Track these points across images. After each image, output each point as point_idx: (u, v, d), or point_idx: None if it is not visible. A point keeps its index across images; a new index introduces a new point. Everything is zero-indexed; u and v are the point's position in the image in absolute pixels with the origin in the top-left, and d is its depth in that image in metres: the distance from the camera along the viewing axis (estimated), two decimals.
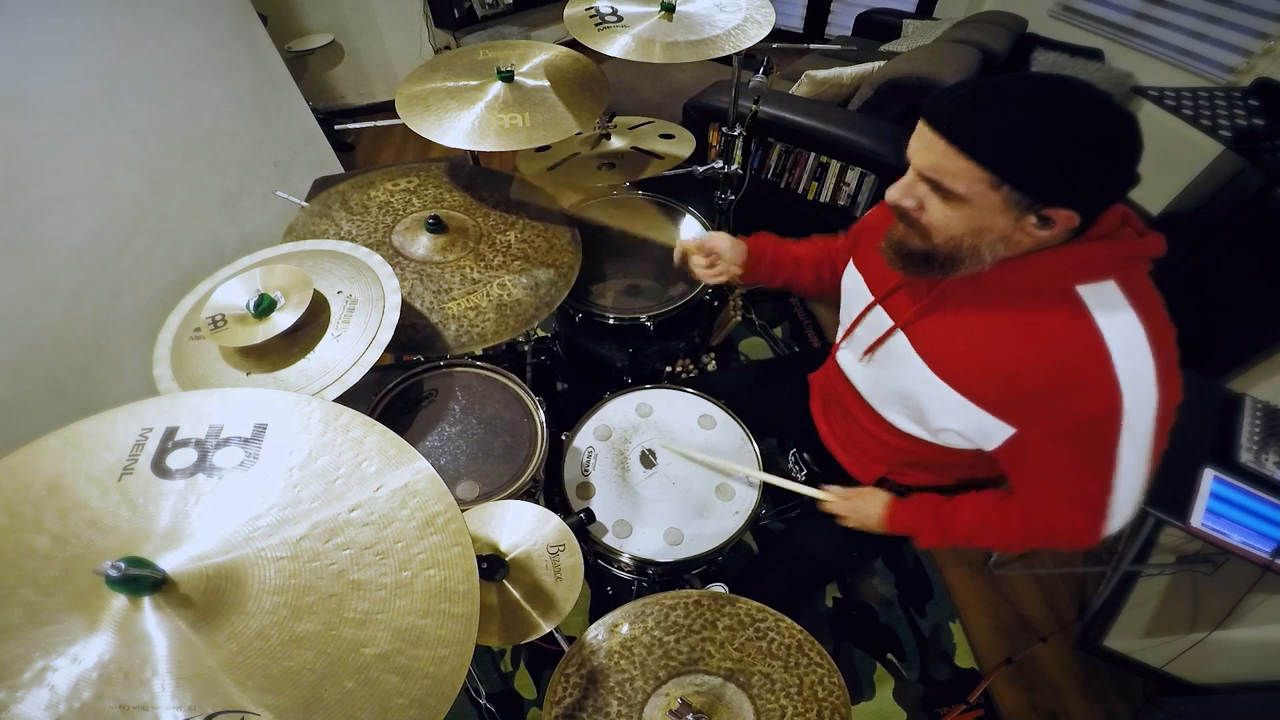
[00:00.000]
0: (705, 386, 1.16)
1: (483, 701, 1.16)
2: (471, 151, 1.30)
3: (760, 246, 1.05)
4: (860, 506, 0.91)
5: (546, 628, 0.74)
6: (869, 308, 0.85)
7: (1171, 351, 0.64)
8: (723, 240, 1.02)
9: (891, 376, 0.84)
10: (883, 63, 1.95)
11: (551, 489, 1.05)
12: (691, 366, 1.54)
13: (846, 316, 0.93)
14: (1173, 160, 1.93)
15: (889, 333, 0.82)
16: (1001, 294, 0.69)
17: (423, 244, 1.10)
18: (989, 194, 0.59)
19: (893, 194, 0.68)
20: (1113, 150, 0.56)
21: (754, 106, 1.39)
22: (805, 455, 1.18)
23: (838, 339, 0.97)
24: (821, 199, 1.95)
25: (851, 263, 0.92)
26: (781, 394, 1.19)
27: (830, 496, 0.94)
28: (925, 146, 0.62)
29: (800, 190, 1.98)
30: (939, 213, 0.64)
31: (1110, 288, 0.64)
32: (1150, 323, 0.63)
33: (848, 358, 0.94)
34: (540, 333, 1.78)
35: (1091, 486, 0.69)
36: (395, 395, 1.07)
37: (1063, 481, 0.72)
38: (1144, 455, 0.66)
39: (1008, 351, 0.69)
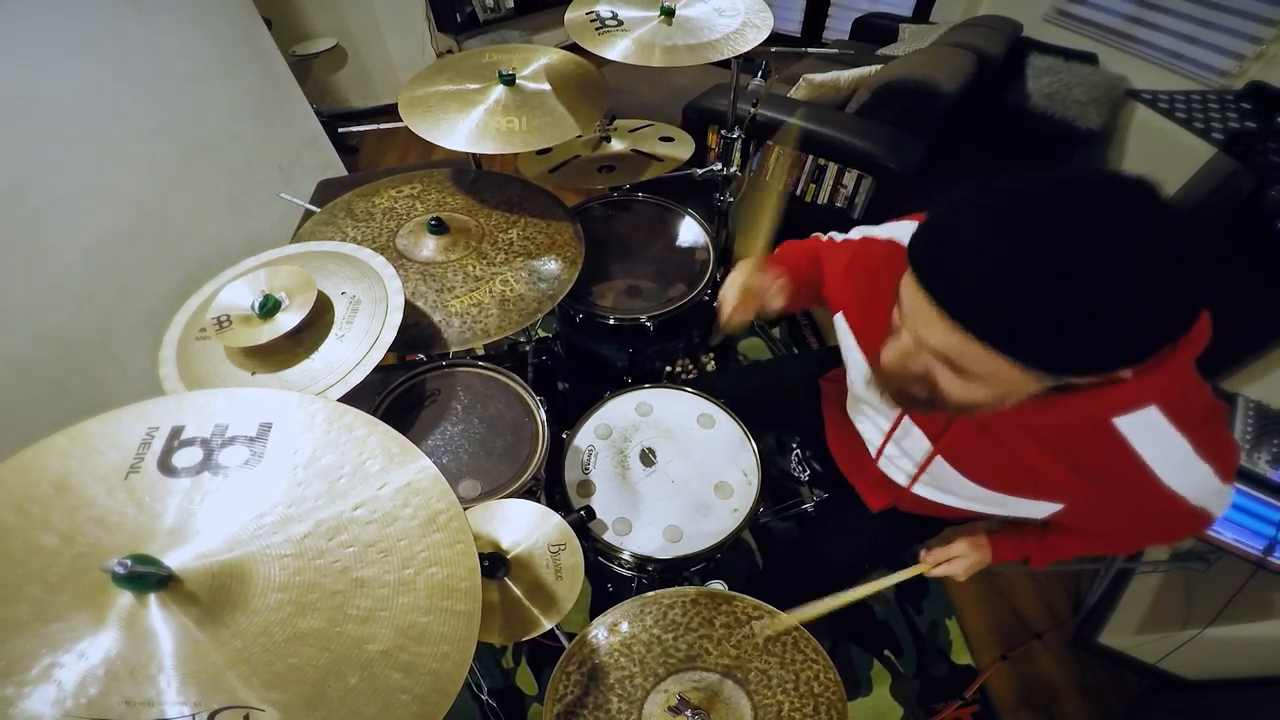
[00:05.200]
0: (705, 386, 1.17)
1: (484, 698, 1.16)
2: (474, 154, 1.31)
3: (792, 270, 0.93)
4: (964, 565, 0.87)
5: (547, 625, 0.75)
6: (899, 421, 0.80)
7: (1219, 431, 0.62)
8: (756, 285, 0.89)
9: (944, 495, 0.83)
10: (879, 66, 1.96)
11: (552, 487, 1.06)
12: (691, 366, 1.55)
13: (873, 426, 0.88)
14: (1166, 163, 1.94)
15: (930, 459, 0.78)
16: (1029, 426, 0.64)
17: (426, 246, 1.11)
18: (1013, 373, 0.50)
19: (890, 357, 0.59)
20: (1169, 302, 0.46)
21: (752, 109, 1.39)
22: (808, 454, 1.19)
23: (873, 453, 0.90)
24: (819, 201, 1.96)
25: (860, 351, 0.80)
26: (781, 395, 1.19)
27: (930, 568, 0.88)
28: (932, 325, 0.51)
29: (799, 192, 1.99)
30: (953, 383, 0.55)
31: (1150, 413, 0.57)
32: (1194, 434, 0.58)
33: (896, 475, 0.88)
34: (541, 333, 1.79)
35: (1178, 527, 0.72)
36: (398, 395, 1.08)
37: (1145, 527, 0.74)
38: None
39: (1057, 477, 0.66)
